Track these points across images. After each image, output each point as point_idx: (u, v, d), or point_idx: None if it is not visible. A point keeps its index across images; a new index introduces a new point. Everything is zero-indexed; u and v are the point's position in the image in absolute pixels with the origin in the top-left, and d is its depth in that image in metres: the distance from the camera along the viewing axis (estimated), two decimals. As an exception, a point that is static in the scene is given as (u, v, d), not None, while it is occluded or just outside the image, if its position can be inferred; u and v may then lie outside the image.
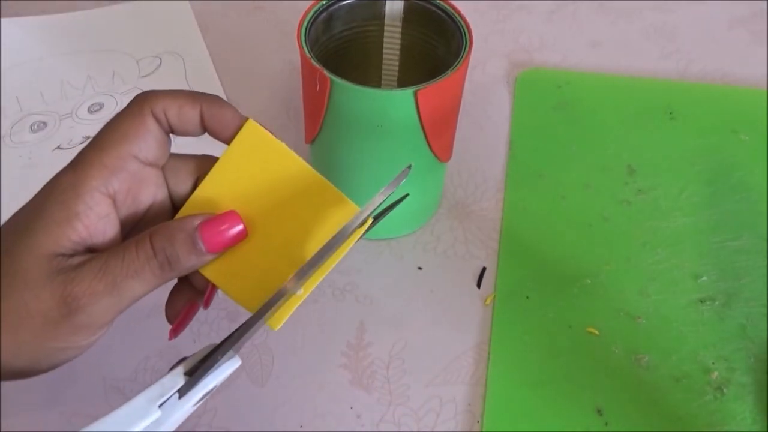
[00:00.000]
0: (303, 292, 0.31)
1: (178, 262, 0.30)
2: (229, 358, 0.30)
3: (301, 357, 0.44)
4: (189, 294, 0.34)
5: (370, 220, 0.32)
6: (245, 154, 0.32)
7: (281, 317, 0.31)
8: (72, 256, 0.29)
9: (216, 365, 0.30)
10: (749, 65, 0.64)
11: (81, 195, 0.29)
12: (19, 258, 0.28)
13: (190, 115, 0.31)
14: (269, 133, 0.32)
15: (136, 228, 0.32)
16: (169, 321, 0.34)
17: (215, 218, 0.31)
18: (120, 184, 0.30)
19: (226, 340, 0.30)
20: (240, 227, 0.31)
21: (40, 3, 0.66)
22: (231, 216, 0.31)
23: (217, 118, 0.32)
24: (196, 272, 0.32)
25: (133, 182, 0.31)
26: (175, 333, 0.34)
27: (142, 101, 0.31)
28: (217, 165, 0.33)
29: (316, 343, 0.44)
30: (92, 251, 0.30)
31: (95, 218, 0.30)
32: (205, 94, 0.32)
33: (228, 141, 0.32)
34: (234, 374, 0.42)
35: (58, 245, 0.29)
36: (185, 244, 0.30)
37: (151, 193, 0.32)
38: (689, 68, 0.63)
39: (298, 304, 0.31)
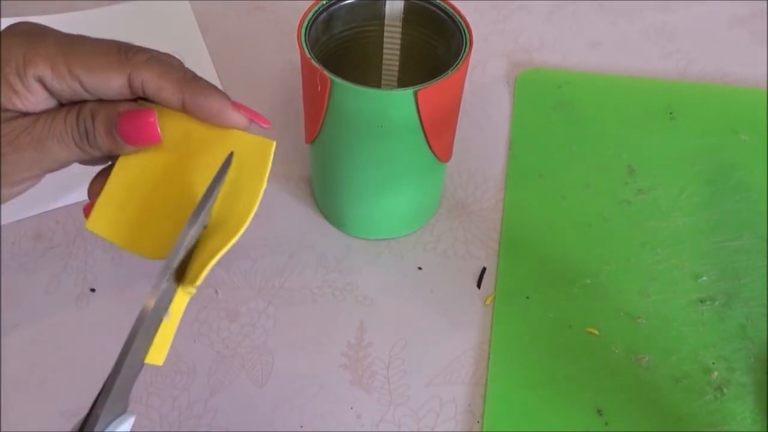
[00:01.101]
0: (171, 317, 0.29)
1: (94, 140, 0.32)
2: (117, 415, 0.27)
3: (301, 357, 0.44)
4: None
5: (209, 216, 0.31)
6: (234, 146, 0.32)
7: (161, 350, 0.29)
8: (7, 111, 0.31)
9: (98, 428, 0.26)
10: (749, 65, 0.64)
11: (22, 78, 0.30)
12: None
13: (170, 100, 0.32)
14: (269, 162, 0.31)
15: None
16: (90, 199, 0.35)
17: (137, 111, 0.32)
18: (62, 92, 0.31)
19: (98, 397, 0.26)
20: (154, 130, 0.32)
21: (40, 3, 0.66)
22: (149, 114, 0.32)
23: (202, 109, 0.32)
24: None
25: (74, 96, 0.32)
26: (87, 212, 0.34)
27: (125, 63, 0.31)
28: (206, 127, 0.32)
29: (316, 343, 0.44)
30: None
31: (34, 100, 0.31)
32: (195, 81, 0.32)
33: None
34: (234, 374, 0.42)
35: None
36: (103, 125, 0.32)
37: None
38: (689, 68, 0.63)
39: (173, 331, 0.29)
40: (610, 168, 0.54)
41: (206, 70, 0.60)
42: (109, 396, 0.26)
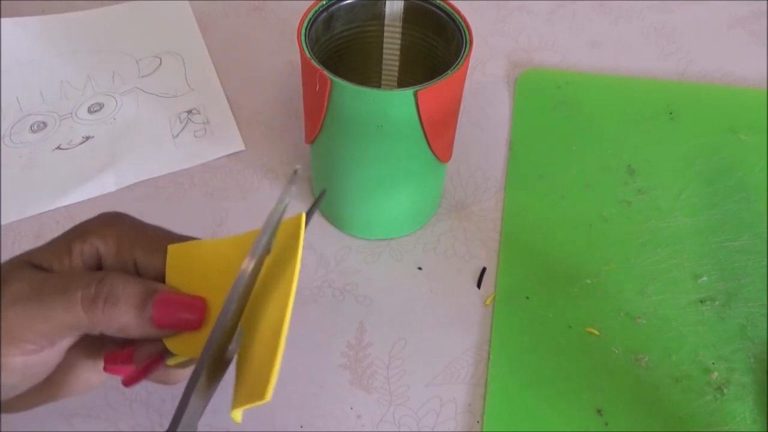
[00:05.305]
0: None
1: (112, 308, 0.28)
2: None
3: (301, 357, 0.44)
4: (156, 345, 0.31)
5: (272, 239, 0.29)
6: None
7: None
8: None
9: None
10: (749, 65, 0.64)
11: (82, 244, 0.30)
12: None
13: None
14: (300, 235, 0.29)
15: None
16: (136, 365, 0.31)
17: (182, 297, 0.29)
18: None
19: None
20: (200, 318, 0.29)
21: (40, 3, 0.66)
22: (196, 302, 0.29)
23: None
24: None
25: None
26: (129, 381, 0.31)
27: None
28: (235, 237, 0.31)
29: (316, 343, 0.44)
30: None
31: (74, 264, 0.30)
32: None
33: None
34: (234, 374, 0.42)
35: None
36: (135, 296, 0.28)
37: None
38: (689, 68, 0.63)
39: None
40: (610, 168, 0.54)
41: (206, 70, 0.60)
42: None
